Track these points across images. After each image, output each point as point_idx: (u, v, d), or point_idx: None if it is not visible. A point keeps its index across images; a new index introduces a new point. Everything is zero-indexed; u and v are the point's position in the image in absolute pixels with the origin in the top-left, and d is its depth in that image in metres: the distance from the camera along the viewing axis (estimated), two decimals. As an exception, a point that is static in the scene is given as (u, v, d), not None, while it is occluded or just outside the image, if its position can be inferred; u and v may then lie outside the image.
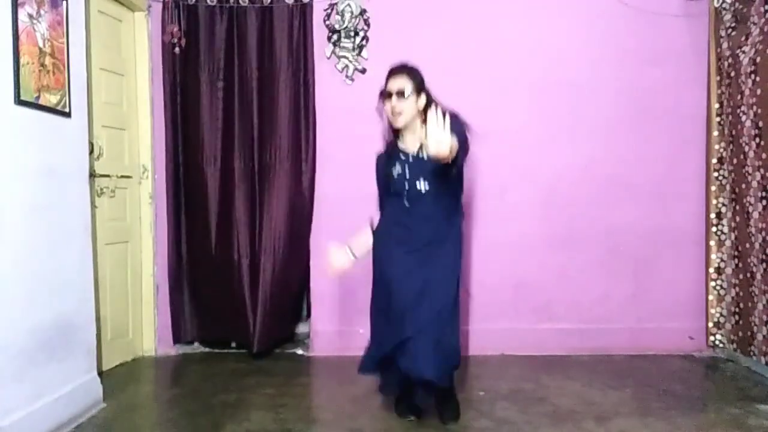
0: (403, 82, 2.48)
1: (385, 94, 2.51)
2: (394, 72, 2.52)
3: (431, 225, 2.51)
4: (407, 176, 2.51)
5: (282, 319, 3.73)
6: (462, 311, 3.60)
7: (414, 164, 2.51)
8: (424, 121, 2.40)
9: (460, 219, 2.62)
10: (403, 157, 2.54)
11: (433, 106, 2.28)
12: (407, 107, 2.48)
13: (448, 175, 2.42)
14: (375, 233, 2.63)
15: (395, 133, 2.58)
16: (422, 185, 2.48)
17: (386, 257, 2.55)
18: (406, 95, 2.46)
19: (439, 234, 2.52)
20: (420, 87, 2.51)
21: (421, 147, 2.49)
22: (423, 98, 2.51)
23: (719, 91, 3.53)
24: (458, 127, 2.33)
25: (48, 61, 2.46)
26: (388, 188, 2.60)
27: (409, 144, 2.56)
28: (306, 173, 3.65)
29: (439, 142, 2.12)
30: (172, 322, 3.72)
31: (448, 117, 2.16)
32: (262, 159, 3.65)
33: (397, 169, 2.53)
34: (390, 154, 2.59)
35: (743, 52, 3.26)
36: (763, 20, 3.13)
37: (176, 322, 3.73)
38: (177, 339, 3.74)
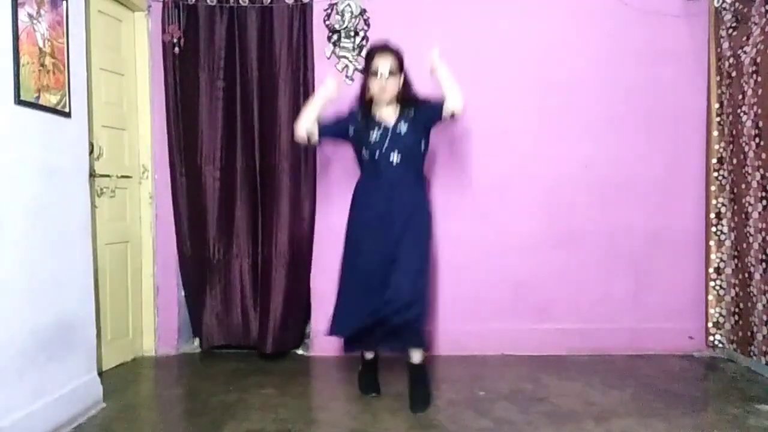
0: (391, 62, 2.69)
1: (371, 72, 2.70)
2: (380, 50, 2.72)
3: (401, 191, 2.72)
4: (384, 146, 2.71)
5: (288, 319, 3.72)
6: (462, 311, 3.65)
7: (392, 137, 2.72)
8: (399, 98, 2.76)
9: (426, 186, 2.93)
10: (380, 128, 2.74)
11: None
12: (394, 85, 2.71)
13: (436, 124, 2.79)
14: (351, 204, 2.83)
15: (368, 104, 2.78)
16: (395, 157, 2.71)
17: (361, 233, 2.76)
18: (394, 74, 2.69)
19: (408, 198, 2.74)
20: (402, 66, 2.74)
21: (398, 121, 2.74)
22: (402, 77, 2.75)
23: (719, 91, 3.53)
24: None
25: (48, 61, 2.46)
26: (339, 133, 2.82)
27: (385, 116, 2.76)
28: (307, 173, 3.65)
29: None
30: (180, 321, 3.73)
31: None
32: (263, 159, 3.64)
33: (374, 136, 2.72)
34: (366, 119, 2.77)
35: (744, 52, 3.26)
36: (764, 20, 3.13)
37: (178, 323, 3.73)
38: (179, 340, 3.74)
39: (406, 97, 2.76)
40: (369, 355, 2.99)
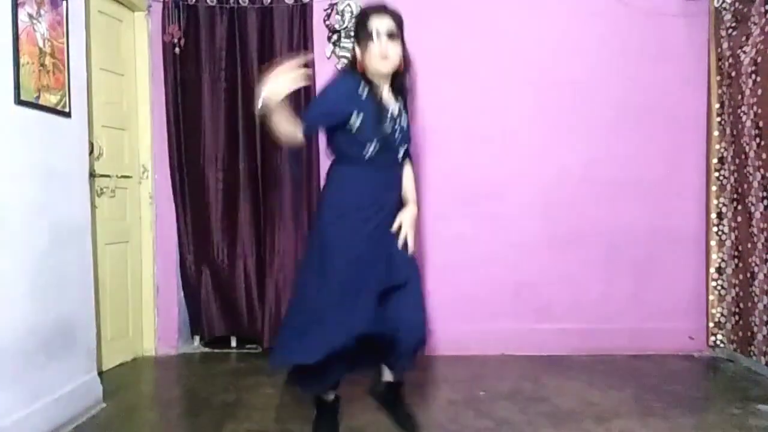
0: (391, 23, 2.13)
1: (367, 35, 2.11)
2: (377, 10, 2.15)
3: (395, 193, 2.26)
4: (395, 137, 2.17)
5: None
6: (462, 311, 3.65)
7: (399, 126, 2.18)
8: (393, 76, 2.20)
9: None
10: (386, 112, 2.15)
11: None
12: (397, 52, 2.13)
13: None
14: (337, 201, 2.21)
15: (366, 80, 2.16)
16: (401, 151, 2.23)
17: (351, 241, 2.15)
18: (395, 37, 2.12)
19: (397, 203, 2.27)
20: (402, 33, 2.18)
21: (399, 109, 2.21)
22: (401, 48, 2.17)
23: (719, 91, 3.53)
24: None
25: (48, 61, 2.46)
26: (333, 121, 2.16)
27: (386, 98, 2.19)
28: (309, 174, 3.63)
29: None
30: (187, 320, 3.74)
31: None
32: (265, 159, 3.64)
33: (387, 125, 2.15)
34: (374, 99, 2.14)
35: (744, 52, 3.26)
36: (763, 20, 3.13)
37: (178, 323, 3.73)
38: (179, 340, 3.74)
39: (400, 77, 2.21)
40: (330, 396, 2.42)
